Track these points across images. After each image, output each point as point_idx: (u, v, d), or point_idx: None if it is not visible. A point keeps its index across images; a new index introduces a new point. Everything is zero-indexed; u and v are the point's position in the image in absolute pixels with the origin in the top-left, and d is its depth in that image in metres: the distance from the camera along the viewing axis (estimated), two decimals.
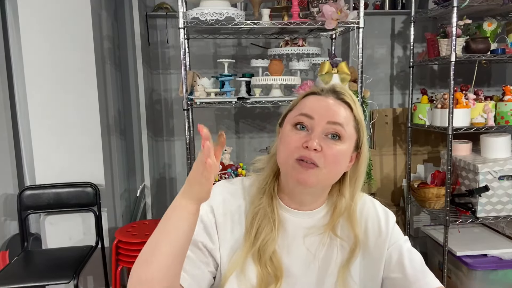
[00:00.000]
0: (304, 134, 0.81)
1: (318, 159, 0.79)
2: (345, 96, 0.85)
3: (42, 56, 2.17)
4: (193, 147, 2.20)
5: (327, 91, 0.86)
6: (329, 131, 0.81)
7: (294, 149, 0.80)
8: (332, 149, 0.80)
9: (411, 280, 0.84)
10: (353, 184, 0.89)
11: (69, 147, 2.25)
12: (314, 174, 0.80)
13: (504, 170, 2.16)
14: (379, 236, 0.89)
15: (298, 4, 2.07)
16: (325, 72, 2.09)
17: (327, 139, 0.81)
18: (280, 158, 0.84)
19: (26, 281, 1.88)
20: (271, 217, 0.86)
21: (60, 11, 2.15)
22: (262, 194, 0.88)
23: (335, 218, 0.88)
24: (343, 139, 0.82)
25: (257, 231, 0.85)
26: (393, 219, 0.93)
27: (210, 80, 2.15)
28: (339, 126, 0.81)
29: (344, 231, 0.89)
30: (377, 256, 0.89)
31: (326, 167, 0.80)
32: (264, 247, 0.84)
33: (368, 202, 0.94)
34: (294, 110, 0.86)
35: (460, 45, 2.21)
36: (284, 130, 0.86)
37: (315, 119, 0.81)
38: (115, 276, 2.16)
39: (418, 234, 2.76)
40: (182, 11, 1.95)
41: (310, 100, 0.85)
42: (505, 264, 2.17)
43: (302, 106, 0.85)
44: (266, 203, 0.87)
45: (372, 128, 2.84)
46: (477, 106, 2.25)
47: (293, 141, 0.81)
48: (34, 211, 2.25)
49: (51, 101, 2.21)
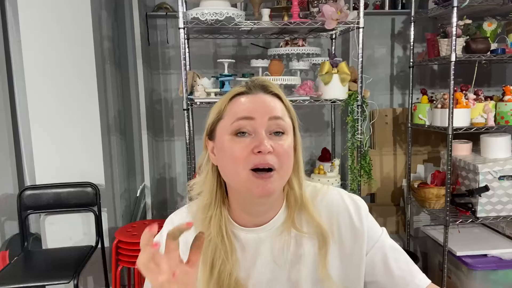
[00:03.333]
0: (249, 140, 0.75)
1: (273, 161, 0.74)
2: (273, 88, 0.81)
3: (42, 56, 2.17)
4: (193, 147, 2.20)
5: (254, 87, 0.80)
6: (272, 128, 0.76)
7: (244, 160, 0.73)
8: (283, 146, 0.75)
9: (399, 282, 0.81)
10: (297, 173, 0.83)
11: (69, 147, 2.25)
12: (275, 180, 0.74)
13: (504, 170, 2.16)
14: (355, 234, 0.83)
15: (298, 4, 2.07)
16: (325, 72, 2.10)
17: (272, 137, 0.76)
18: (229, 174, 0.77)
19: (26, 281, 1.88)
20: (222, 248, 0.79)
21: (60, 11, 2.15)
22: (208, 222, 0.81)
23: (291, 212, 0.82)
24: (286, 132, 0.78)
25: (212, 263, 0.79)
26: (366, 210, 0.86)
27: (210, 80, 2.15)
28: (280, 120, 0.77)
29: (309, 224, 0.83)
30: (355, 257, 0.83)
31: (282, 167, 0.75)
32: (222, 279, 0.79)
33: (335, 196, 0.87)
34: (225, 117, 0.78)
35: (460, 45, 2.21)
36: (222, 142, 0.77)
37: (256, 118, 0.75)
38: (115, 276, 2.16)
39: (418, 234, 2.76)
40: (182, 11, 1.95)
41: (241, 102, 0.78)
42: (505, 264, 2.17)
43: (234, 110, 0.77)
44: (214, 233, 0.80)
45: (372, 128, 2.84)
46: (477, 106, 2.25)
47: (239, 151, 0.74)
48: (34, 211, 2.25)
49: (51, 101, 2.21)
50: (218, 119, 0.80)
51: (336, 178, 2.29)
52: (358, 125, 2.14)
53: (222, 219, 0.81)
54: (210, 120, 0.82)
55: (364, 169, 2.21)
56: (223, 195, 0.84)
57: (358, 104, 2.13)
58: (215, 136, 0.80)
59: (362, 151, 2.19)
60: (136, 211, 2.78)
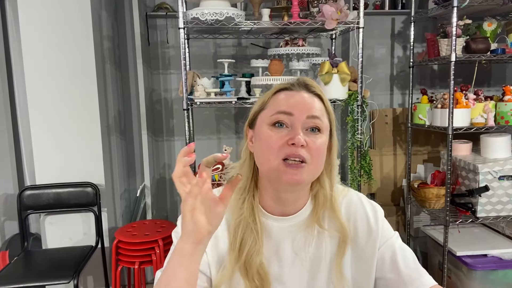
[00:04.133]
0: (285, 132, 0.79)
1: (305, 155, 0.78)
2: (316, 88, 0.84)
3: (42, 56, 2.17)
4: None
5: (298, 85, 0.84)
6: (309, 125, 0.80)
7: (278, 149, 0.78)
8: (315, 143, 0.79)
9: (406, 280, 0.83)
10: (329, 174, 0.88)
11: (69, 147, 2.25)
12: (305, 172, 0.78)
13: (504, 170, 2.16)
14: (370, 234, 0.88)
15: (298, 4, 2.07)
16: (325, 72, 2.10)
17: (308, 133, 0.80)
18: (263, 160, 0.81)
19: (26, 281, 1.88)
20: (254, 228, 0.83)
21: (60, 11, 2.15)
22: (241, 204, 0.85)
23: (318, 210, 0.87)
24: (322, 131, 0.81)
25: (241, 244, 0.83)
26: (382, 214, 0.91)
27: (210, 80, 2.15)
28: (317, 119, 0.81)
29: (331, 224, 0.88)
30: (368, 255, 0.87)
31: (313, 162, 0.79)
32: (250, 260, 0.82)
33: (354, 198, 0.92)
34: (267, 109, 0.83)
35: (460, 45, 2.21)
36: (260, 131, 0.82)
37: (295, 115, 0.79)
38: (115, 276, 2.16)
39: (418, 234, 2.76)
40: (182, 11, 1.95)
41: (283, 97, 0.83)
42: (505, 264, 2.17)
43: (276, 104, 0.82)
44: (247, 214, 0.84)
45: (372, 128, 2.84)
46: (477, 106, 2.25)
47: (275, 141, 0.78)
48: (34, 211, 2.25)
49: (51, 101, 2.21)
50: (260, 109, 0.85)
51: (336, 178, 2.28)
52: (358, 125, 2.14)
53: (254, 202, 0.86)
54: (253, 110, 0.87)
55: (364, 169, 2.21)
56: (256, 182, 0.88)
57: (358, 104, 2.13)
58: (255, 125, 0.85)
59: (362, 151, 2.19)
60: (136, 211, 2.78)
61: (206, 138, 2.95)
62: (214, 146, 2.95)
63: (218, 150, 2.83)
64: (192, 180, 0.69)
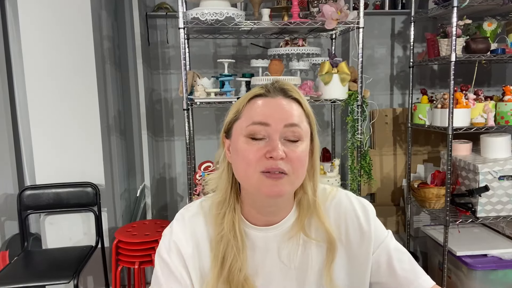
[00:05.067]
0: (262, 144, 0.75)
1: (285, 166, 0.74)
2: (293, 92, 0.80)
3: (42, 56, 2.17)
4: (193, 147, 2.20)
5: (273, 90, 0.79)
6: (288, 134, 0.75)
7: (256, 163, 0.74)
8: (295, 152, 0.75)
9: (403, 283, 0.82)
10: (312, 177, 0.83)
11: (69, 147, 2.25)
12: (285, 183, 0.75)
13: (504, 170, 2.16)
14: (362, 236, 0.84)
15: (298, 4, 2.07)
16: (325, 72, 2.10)
17: (286, 143, 0.76)
18: (241, 174, 0.78)
19: (26, 281, 1.88)
20: (235, 244, 0.80)
21: (60, 11, 2.15)
22: (221, 219, 0.82)
23: (302, 218, 0.83)
24: (302, 138, 0.77)
25: (223, 260, 0.80)
26: (373, 213, 0.87)
27: (210, 80, 2.15)
28: (296, 127, 0.76)
29: (318, 231, 0.84)
30: (362, 258, 0.84)
31: (294, 173, 0.75)
32: (232, 275, 0.79)
33: (343, 198, 0.88)
34: (242, 118, 0.78)
35: (460, 45, 2.21)
36: (237, 143, 0.78)
37: (271, 125, 0.75)
38: (115, 276, 2.16)
39: (418, 234, 2.76)
40: (182, 11, 1.95)
41: (258, 105, 0.78)
42: (505, 264, 2.17)
43: (251, 113, 0.77)
44: (227, 229, 0.80)
45: (372, 128, 2.84)
46: (477, 106, 2.25)
47: (252, 154, 0.74)
48: (34, 211, 2.25)
49: (51, 101, 2.21)
50: (235, 119, 0.80)
51: (336, 178, 2.29)
52: (358, 125, 2.14)
53: (235, 216, 0.82)
54: (227, 118, 0.82)
55: (364, 169, 2.21)
56: (237, 193, 0.85)
57: (358, 104, 2.13)
58: (231, 135, 0.81)
59: (362, 151, 2.19)
60: (136, 211, 2.78)
61: (206, 138, 2.95)
62: (214, 146, 2.95)
63: None
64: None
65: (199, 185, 2.12)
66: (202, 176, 2.11)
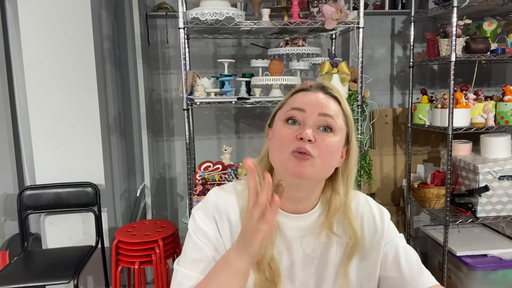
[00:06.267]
0: (296, 128, 0.81)
1: (312, 149, 0.79)
2: (333, 91, 0.86)
3: (42, 56, 2.17)
4: (193, 147, 2.20)
5: (315, 87, 0.87)
6: (321, 123, 0.82)
7: (288, 143, 0.80)
8: (325, 141, 0.80)
9: (407, 279, 0.85)
10: (345, 180, 0.89)
11: (69, 147, 2.25)
12: (310, 165, 0.79)
13: (504, 170, 2.16)
14: (375, 234, 0.90)
15: (298, 4, 2.07)
16: (325, 72, 2.10)
17: (319, 131, 0.81)
18: (274, 154, 0.84)
19: (26, 281, 1.88)
20: None
21: (60, 11, 2.15)
22: None
23: (331, 216, 0.87)
24: (335, 131, 0.82)
25: None
26: (388, 217, 0.93)
27: (210, 80, 2.15)
28: (330, 118, 0.82)
29: (340, 228, 0.89)
30: (373, 255, 0.89)
31: (320, 157, 0.79)
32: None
33: (362, 200, 0.94)
34: (283, 107, 0.87)
35: (460, 45, 2.21)
36: (275, 128, 0.86)
37: (307, 111, 0.82)
38: (115, 276, 2.16)
39: (418, 234, 2.76)
40: (182, 11, 1.95)
41: (299, 96, 0.86)
42: (505, 264, 2.17)
43: (292, 102, 0.85)
44: None
45: (372, 128, 2.84)
46: (477, 106, 2.25)
47: (286, 136, 0.81)
48: (34, 211, 2.25)
49: (51, 101, 2.21)
50: (278, 109, 0.89)
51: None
52: (358, 125, 2.14)
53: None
54: (273, 111, 0.91)
55: (364, 169, 2.21)
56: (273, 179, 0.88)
57: (358, 104, 2.13)
58: (273, 123, 0.88)
59: (362, 151, 2.19)
60: (136, 211, 2.78)
61: (206, 138, 2.95)
62: (214, 146, 2.95)
63: (218, 150, 2.83)
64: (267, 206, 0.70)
65: (199, 185, 2.12)
66: (202, 176, 2.11)
